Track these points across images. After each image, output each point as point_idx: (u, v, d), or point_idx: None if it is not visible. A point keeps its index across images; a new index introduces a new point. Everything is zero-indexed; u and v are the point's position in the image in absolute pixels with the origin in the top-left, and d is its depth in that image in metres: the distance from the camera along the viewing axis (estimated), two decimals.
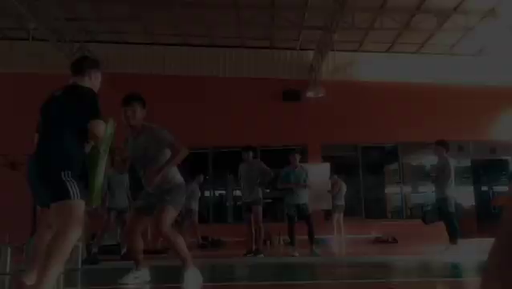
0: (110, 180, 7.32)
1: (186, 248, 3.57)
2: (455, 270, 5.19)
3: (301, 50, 12.69)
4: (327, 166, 11.69)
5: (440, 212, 7.05)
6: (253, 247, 7.25)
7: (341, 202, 10.87)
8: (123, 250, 7.42)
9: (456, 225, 6.97)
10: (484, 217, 13.58)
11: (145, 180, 3.71)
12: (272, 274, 5.02)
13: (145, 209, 3.75)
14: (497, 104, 12.39)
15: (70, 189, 2.74)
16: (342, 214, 10.93)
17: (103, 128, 2.85)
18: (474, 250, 8.20)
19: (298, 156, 7.46)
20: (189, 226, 10.03)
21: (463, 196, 13.72)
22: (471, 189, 14.60)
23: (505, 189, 13.86)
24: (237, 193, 10.31)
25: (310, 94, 11.85)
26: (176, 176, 3.79)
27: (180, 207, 3.77)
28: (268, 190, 10.26)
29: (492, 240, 0.90)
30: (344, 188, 11.03)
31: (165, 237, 3.54)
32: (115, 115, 3.15)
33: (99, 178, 3.05)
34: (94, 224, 9.62)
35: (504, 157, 13.24)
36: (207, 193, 13.53)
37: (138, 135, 3.73)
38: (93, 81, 3.14)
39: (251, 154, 7.48)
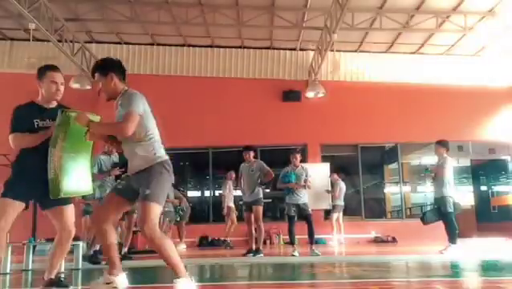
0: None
1: (176, 253, 2.92)
2: (455, 270, 5.21)
3: (301, 50, 12.71)
4: (326, 166, 11.73)
5: (439, 212, 7.08)
6: (254, 247, 7.27)
7: (340, 202, 10.90)
8: (124, 250, 7.46)
9: (455, 225, 7.00)
10: (483, 216, 13.63)
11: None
12: (272, 274, 5.04)
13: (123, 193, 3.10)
14: (496, 104, 12.42)
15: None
16: (341, 214, 10.96)
17: (11, 141, 3.30)
18: (474, 250, 8.24)
19: (298, 156, 7.47)
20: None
21: (462, 196, 13.76)
22: (470, 188, 14.64)
23: (504, 188, 13.90)
24: (238, 193, 10.35)
25: (310, 94, 11.88)
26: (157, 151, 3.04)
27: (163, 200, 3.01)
28: (268, 190, 10.30)
29: (491, 240, 0.93)
30: (344, 188, 11.05)
31: (149, 239, 2.87)
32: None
33: (51, 173, 3.23)
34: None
35: (503, 157, 13.27)
36: (207, 193, 13.56)
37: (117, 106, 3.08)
38: (42, 90, 3.48)
39: (252, 154, 7.51)
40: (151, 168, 2.95)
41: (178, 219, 9.96)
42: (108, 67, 3.13)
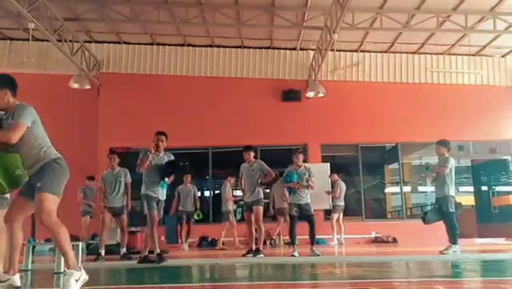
0: (104, 179, 7.46)
1: (69, 243, 3.16)
2: (455, 270, 5.19)
3: (301, 49, 12.70)
4: (327, 166, 11.71)
5: (441, 211, 7.06)
6: (254, 247, 7.25)
7: (341, 202, 10.88)
8: (123, 250, 7.46)
9: (456, 225, 6.98)
10: (484, 217, 13.61)
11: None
12: (272, 274, 5.02)
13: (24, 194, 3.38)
14: (497, 104, 12.40)
15: None
16: (342, 214, 10.94)
17: None
18: (474, 250, 8.23)
19: (301, 156, 7.44)
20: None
21: (463, 196, 13.73)
22: (471, 189, 14.63)
23: (505, 188, 13.88)
24: (237, 192, 10.33)
25: (310, 94, 11.86)
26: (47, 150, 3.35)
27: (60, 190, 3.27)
28: (269, 190, 10.28)
29: (491, 240, 0.90)
30: (344, 188, 11.03)
31: (46, 226, 3.11)
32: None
33: None
34: (92, 224, 9.63)
35: (504, 157, 13.25)
36: (207, 193, 13.54)
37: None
38: None
39: (252, 154, 7.49)
40: (43, 166, 3.27)
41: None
42: (3, 84, 3.37)
